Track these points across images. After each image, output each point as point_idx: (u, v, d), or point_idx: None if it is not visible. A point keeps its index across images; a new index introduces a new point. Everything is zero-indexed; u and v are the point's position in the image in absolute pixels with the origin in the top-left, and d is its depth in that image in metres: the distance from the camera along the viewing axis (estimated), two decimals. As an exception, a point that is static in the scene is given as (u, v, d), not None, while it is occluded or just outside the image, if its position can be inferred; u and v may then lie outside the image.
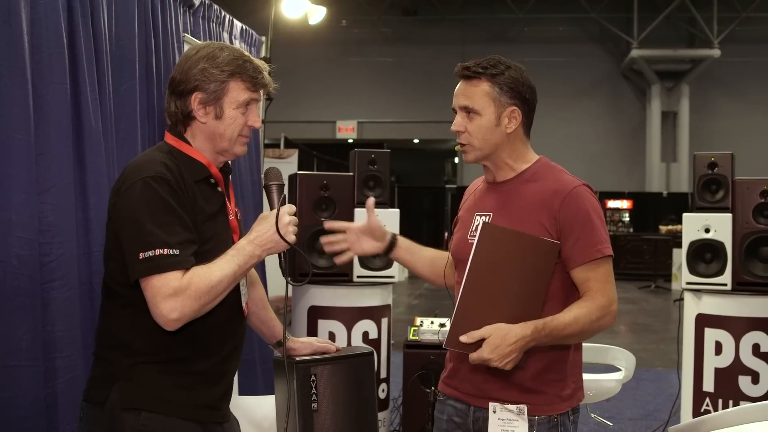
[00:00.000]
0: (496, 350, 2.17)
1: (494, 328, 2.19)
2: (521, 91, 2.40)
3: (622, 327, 11.68)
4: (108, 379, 2.10)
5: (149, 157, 2.15)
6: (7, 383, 2.43)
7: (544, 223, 2.33)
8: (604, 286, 2.32)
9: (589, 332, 2.33)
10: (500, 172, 2.48)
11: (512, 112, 2.40)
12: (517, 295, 2.26)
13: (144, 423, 2.06)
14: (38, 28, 2.59)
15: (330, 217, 4.53)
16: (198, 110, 2.18)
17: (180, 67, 2.22)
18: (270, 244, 2.13)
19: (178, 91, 2.20)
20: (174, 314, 1.97)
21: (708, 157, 4.63)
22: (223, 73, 2.17)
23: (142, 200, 2.01)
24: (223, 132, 2.20)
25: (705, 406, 4.43)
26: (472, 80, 2.40)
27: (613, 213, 20.98)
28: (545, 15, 22.09)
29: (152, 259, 1.97)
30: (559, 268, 2.34)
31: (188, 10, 3.88)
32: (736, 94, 22.05)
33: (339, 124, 22.55)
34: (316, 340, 2.64)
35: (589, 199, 2.38)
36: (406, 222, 5.56)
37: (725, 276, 4.47)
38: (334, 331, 4.47)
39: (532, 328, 2.21)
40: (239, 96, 2.20)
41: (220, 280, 2.03)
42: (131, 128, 3.14)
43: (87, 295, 2.79)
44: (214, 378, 2.20)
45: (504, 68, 2.39)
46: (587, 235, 2.32)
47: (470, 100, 2.40)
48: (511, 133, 2.41)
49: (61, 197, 2.65)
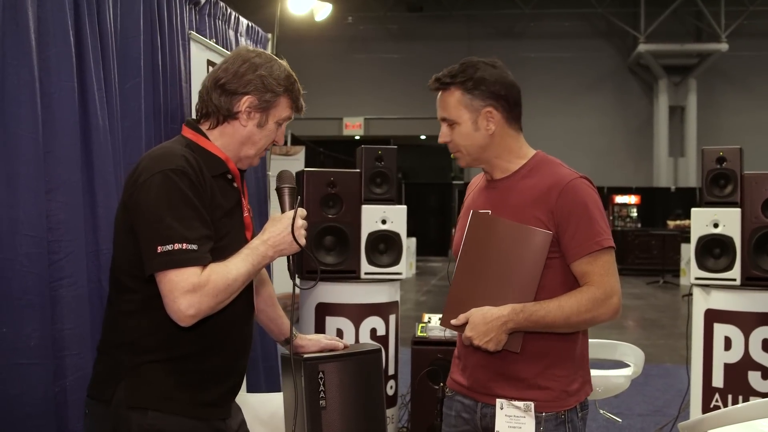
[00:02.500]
0: (475, 328, 2.30)
1: (477, 310, 2.32)
2: (493, 90, 2.40)
3: (631, 323, 11.67)
4: (114, 376, 2.10)
5: (169, 149, 2.14)
6: (17, 381, 2.44)
7: (541, 218, 2.34)
8: (602, 279, 2.31)
9: (581, 323, 2.32)
10: (495, 171, 2.50)
11: (488, 113, 2.41)
12: (506, 281, 2.34)
13: (151, 422, 2.06)
14: (45, 26, 2.59)
15: (337, 214, 4.53)
16: (244, 113, 2.20)
17: (234, 64, 2.22)
18: (283, 245, 2.14)
19: (229, 88, 2.20)
20: (191, 310, 1.97)
21: (716, 152, 4.60)
22: (279, 86, 2.22)
23: (161, 193, 2.00)
24: (258, 141, 2.23)
25: (714, 402, 4.42)
26: (446, 91, 2.44)
27: (620, 208, 20.96)
28: (552, 10, 22.07)
29: (170, 253, 1.96)
30: (559, 263, 2.35)
31: (194, 7, 3.88)
32: (744, 88, 22.00)
33: (346, 120, 22.58)
34: (324, 337, 2.64)
35: (587, 191, 2.37)
36: (413, 218, 5.56)
37: (734, 271, 4.45)
38: (341, 328, 4.47)
39: (509, 309, 2.28)
40: (283, 112, 2.26)
41: (235, 279, 2.04)
42: (136, 126, 3.13)
43: (96, 292, 2.79)
44: (223, 375, 2.21)
45: (473, 71, 2.40)
46: (584, 228, 2.31)
47: (446, 111, 2.45)
48: (493, 133, 2.42)
49: (68, 195, 2.65)
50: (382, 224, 4.59)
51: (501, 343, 2.30)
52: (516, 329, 2.30)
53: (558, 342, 2.37)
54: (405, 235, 4.66)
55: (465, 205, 2.63)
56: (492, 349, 2.30)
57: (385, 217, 4.59)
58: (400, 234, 4.61)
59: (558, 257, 2.34)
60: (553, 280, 2.34)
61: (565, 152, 20.45)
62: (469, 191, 2.68)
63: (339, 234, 4.53)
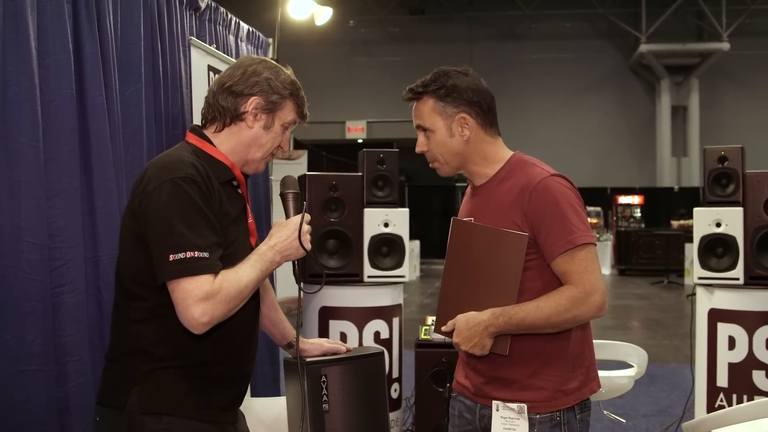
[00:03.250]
0: (460, 334, 2.35)
1: (461, 316, 2.37)
2: (465, 97, 2.42)
3: (635, 323, 11.66)
4: (126, 383, 2.11)
5: (176, 156, 2.14)
6: (20, 387, 2.45)
7: (516, 221, 2.34)
8: (581, 277, 2.28)
9: (562, 322, 2.30)
10: (475, 178, 2.53)
11: (462, 119, 2.42)
12: (488, 286, 2.38)
13: (165, 427, 2.07)
14: (45, 33, 2.60)
15: (339, 218, 4.54)
16: (251, 113, 2.22)
17: (239, 69, 2.25)
18: (290, 250, 2.17)
19: (235, 90, 2.22)
20: (205, 318, 1.98)
21: (718, 151, 4.60)
22: (285, 90, 2.26)
23: (171, 201, 2.01)
24: (264, 143, 2.25)
25: (719, 402, 4.41)
26: (420, 100, 2.47)
27: (624, 209, 20.92)
28: (553, 11, 22.07)
29: (183, 261, 1.97)
30: (539, 264, 2.34)
31: (194, 13, 3.88)
32: (746, 87, 21.99)
33: (348, 124, 22.60)
34: (326, 341, 2.65)
35: (558, 188, 2.35)
36: (417, 221, 5.55)
37: (737, 270, 4.44)
38: (345, 332, 4.47)
39: (489, 314, 2.32)
40: (288, 116, 2.29)
41: (246, 285, 2.06)
42: (137, 132, 3.14)
43: (94, 299, 2.80)
44: (231, 380, 2.22)
45: (445, 79, 2.43)
46: (558, 227, 2.30)
47: (421, 119, 2.47)
48: (468, 139, 2.44)
49: (68, 202, 2.65)
50: (385, 227, 4.59)
51: (486, 348, 2.33)
52: (498, 333, 2.32)
53: (548, 342, 2.36)
54: (408, 238, 4.67)
55: (459, 214, 2.66)
56: (478, 353, 2.34)
57: (387, 220, 4.60)
58: (402, 237, 4.62)
59: (537, 258, 2.34)
60: (534, 281, 2.34)
61: (568, 153, 20.47)
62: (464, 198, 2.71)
63: (342, 237, 4.54)
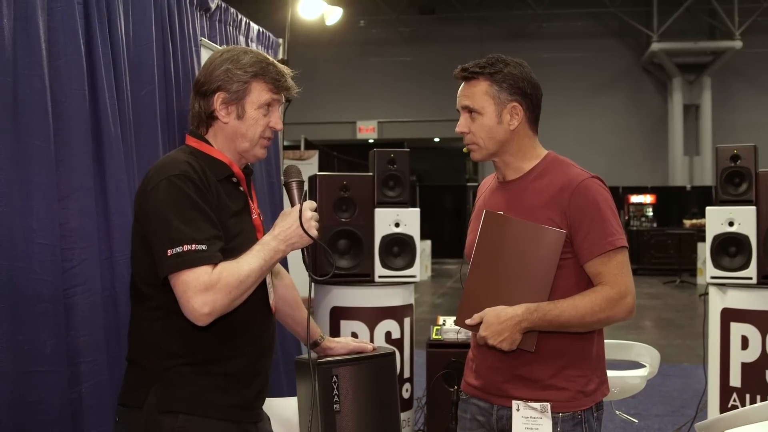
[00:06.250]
0: (489, 328, 2.28)
1: (491, 309, 2.30)
2: (521, 87, 2.40)
3: (647, 322, 11.61)
4: (144, 383, 2.13)
5: (172, 157, 2.19)
6: (33, 388, 2.46)
7: (554, 218, 2.33)
8: (616, 279, 2.30)
9: (595, 322, 2.31)
10: (508, 170, 2.49)
11: (513, 108, 2.40)
12: (520, 281, 2.33)
13: (182, 425, 2.09)
14: (55, 35, 2.62)
15: (350, 218, 4.54)
16: (220, 110, 2.22)
17: (204, 69, 2.28)
18: (294, 238, 2.16)
19: (201, 91, 2.25)
20: (206, 309, 1.99)
21: (730, 150, 4.57)
22: (246, 74, 2.22)
23: (167, 198, 2.05)
24: (245, 132, 2.24)
25: (732, 402, 4.38)
26: (471, 80, 2.42)
27: (636, 208, 20.82)
28: (564, 11, 21.99)
29: (180, 254, 1.99)
30: (573, 263, 2.34)
31: (205, 14, 3.90)
32: (758, 85, 21.85)
33: (359, 124, 22.58)
34: (352, 340, 2.66)
35: (599, 190, 2.36)
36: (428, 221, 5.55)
37: (750, 269, 4.41)
38: (356, 332, 4.46)
39: (524, 308, 2.28)
40: (261, 97, 2.24)
41: (248, 275, 2.05)
42: (152, 133, 3.15)
43: (110, 299, 2.81)
44: (248, 377, 2.23)
45: (502, 66, 2.40)
46: (597, 228, 2.31)
47: (470, 100, 2.42)
48: (515, 130, 2.41)
49: (81, 203, 2.66)
50: (396, 227, 4.59)
51: (515, 343, 2.29)
52: (530, 329, 2.29)
53: (574, 342, 2.36)
54: (419, 237, 4.66)
55: (477, 207, 2.62)
56: (506, 348, 2.29)
57: (398, 220, 4.59)
58: (413, 237, 4.61)
59: (571, 257, 2.34)
60: (566, 280, 2.34)
61: (580, 153, 20.39)
62: (480, 193, 2.67)
63: (353, 237, 4.54)
